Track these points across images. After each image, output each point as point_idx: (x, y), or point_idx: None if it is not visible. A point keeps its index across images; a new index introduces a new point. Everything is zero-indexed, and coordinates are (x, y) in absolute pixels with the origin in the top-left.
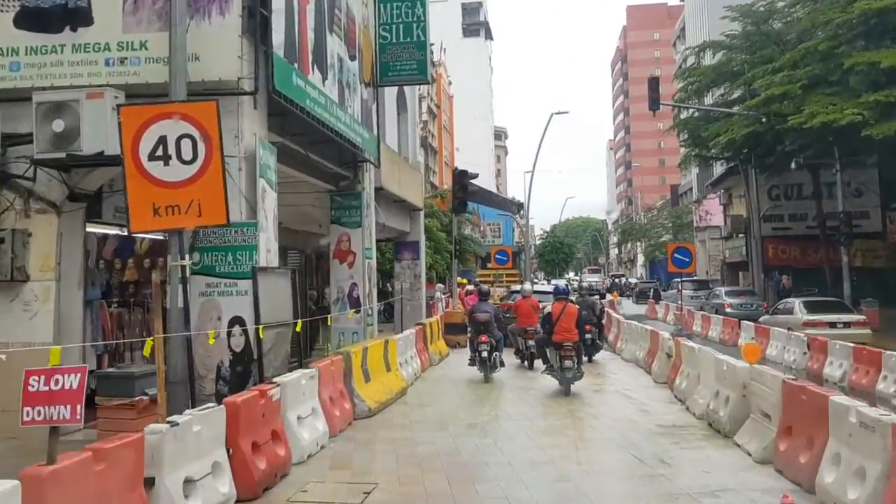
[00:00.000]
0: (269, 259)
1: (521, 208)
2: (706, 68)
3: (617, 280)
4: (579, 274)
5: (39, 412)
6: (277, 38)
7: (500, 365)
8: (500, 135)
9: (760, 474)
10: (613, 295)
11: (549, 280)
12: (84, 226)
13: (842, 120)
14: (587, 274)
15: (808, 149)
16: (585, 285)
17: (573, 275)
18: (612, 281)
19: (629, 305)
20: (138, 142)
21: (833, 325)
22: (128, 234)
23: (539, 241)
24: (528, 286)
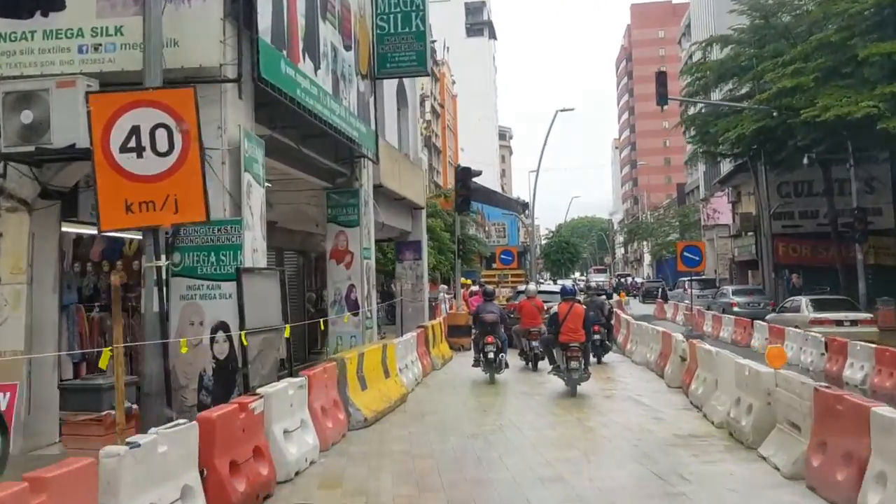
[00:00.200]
0: (255, 259)
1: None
2: (713, 63)
3: (623, 280)
4: (585, 274)
5: None
6: (264, 22)
7: (505, 366)
8: (504, 135)
9: (792, 492)
10: (621, 295)
11: (554, 280)
12: (59, 225)
13: (857, 113)
14: (593, 274)
15: (821, 143)
16: (594, 285)
17: (579, 275)
18: (618, 280)
19: (636, 305)
20: (109, 132)
21: (840, 323)
22: (98, 232)
23: (545, 241)
24: (532, 286)
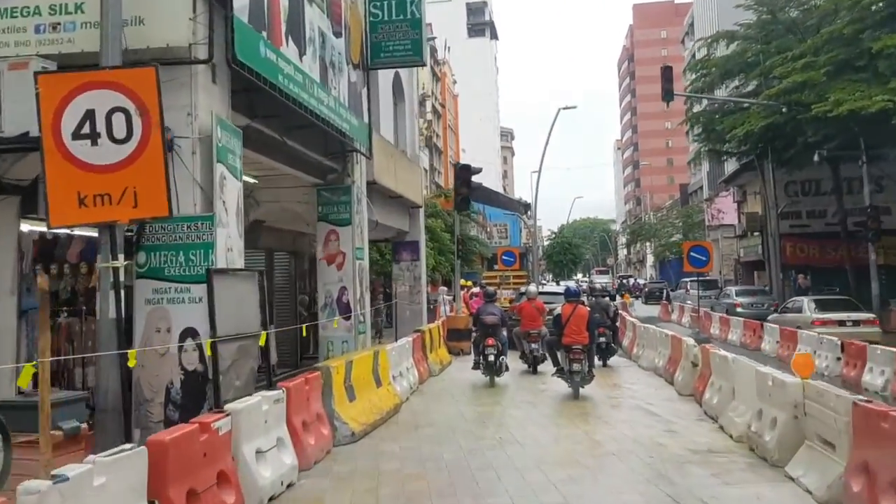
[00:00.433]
0: (230, 259)
1: (528, 209)
2: (718, 59)
3: (625, 281)
4: (588, 275)
5: None
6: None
7: (505, 369)
8: (506, 135)
9: None
10: (625, 296)
11: (557, 281)
12: (17, 222)
13: (871, 107)
14: (596, 275)
15: (832, 140)
16: (598, 287)
17: (581, 276)
18: (621, 282)
19: (639, 307)
20: (60, 116)
21: (842, 323)
22: (47, 229)
23: (547, 242)
24: (532, 288)
